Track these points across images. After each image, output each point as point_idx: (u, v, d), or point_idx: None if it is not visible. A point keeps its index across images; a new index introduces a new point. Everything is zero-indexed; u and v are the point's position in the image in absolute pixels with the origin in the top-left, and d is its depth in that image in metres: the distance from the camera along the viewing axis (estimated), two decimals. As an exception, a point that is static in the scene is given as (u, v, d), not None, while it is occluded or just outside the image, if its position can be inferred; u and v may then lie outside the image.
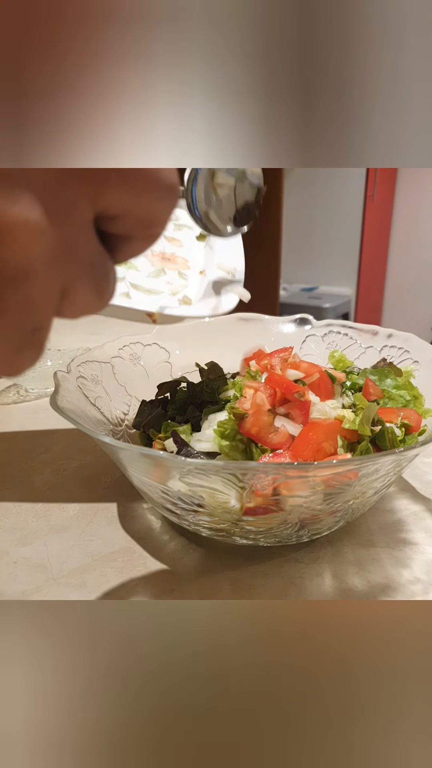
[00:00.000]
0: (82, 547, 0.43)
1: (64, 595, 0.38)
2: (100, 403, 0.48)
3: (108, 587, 0.38)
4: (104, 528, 0.45)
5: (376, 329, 0.56)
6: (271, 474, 0.33)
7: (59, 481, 0.52)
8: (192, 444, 0.41)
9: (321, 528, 0.40)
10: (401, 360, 0.52)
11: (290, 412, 0.40)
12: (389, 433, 0.40)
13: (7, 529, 0.45)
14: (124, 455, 0.37)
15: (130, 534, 0.44)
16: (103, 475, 0.53)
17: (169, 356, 0.58)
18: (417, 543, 0.42)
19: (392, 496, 0.48)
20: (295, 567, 0.40)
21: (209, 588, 0.38)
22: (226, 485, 0.34)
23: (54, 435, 0.62)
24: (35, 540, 0.44)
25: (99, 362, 0.50)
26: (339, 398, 0.46)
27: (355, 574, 0.39)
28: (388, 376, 0.48)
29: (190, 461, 0.33)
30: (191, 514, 0.39)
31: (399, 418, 0.43)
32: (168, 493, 0.37)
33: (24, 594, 0.38)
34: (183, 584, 0.39)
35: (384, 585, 0.38)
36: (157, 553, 0.42)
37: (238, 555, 0.41)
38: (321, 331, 0.60)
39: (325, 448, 0.38)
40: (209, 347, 0.59)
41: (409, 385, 0.47)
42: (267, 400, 0.40)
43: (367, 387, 0.46)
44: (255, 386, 0.41)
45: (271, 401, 0.40)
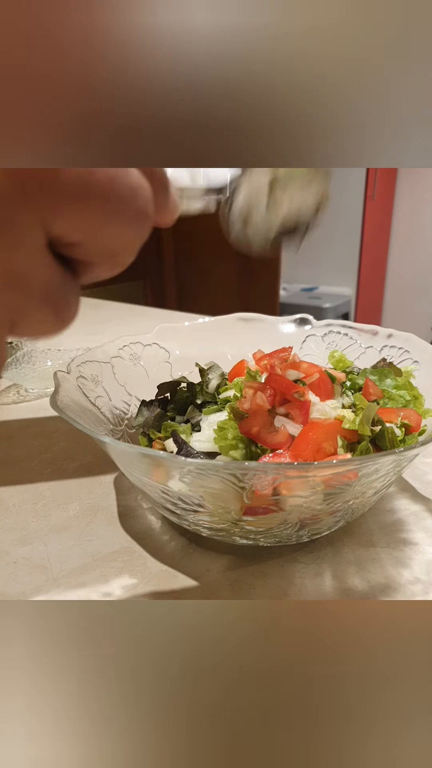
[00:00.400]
0: (82, 547, 0.43)
1: (64, 595, 0.38)
2: (100, 403, 0.48)
3: (108, 587, 0.38)
4: (104, 528, 0.45)
5: (376, 329, 0.56)
6: (271, 474, 0.33)
7: (59, 481, 0.52)
8: (192, 444, 0.41)
9: (321, 528, 0.40)
10: (401, 360, 0.52)
11: (290, 412, 0.40)
12: (389, 433, 0.40)
13: (7, 529, 0.45)
14: (124, 455, 0.37)
15: (130, 534, 0.44)
16: (103, 475, 0.53)
17: (169, 356, 0.58)
18: (417, 543, 0.42)
19: (392, 496, 0.48)
20: (295, 567, 0.40)
21: (209, 588, 0.38)
22: (226, 485, 0.34)
23: (54, 435, 0.62)
24: (35, 540, 0.44)
25: (99, 362, 0.50)
26: (339, 398, 0.46)
27: (355, 574, 0.39)
28: (388, 376, 0.48)
29: (190, 461, 0.33)
30: (191, 514, 0.39)
31: (399, 418, 0.43)
32: (168, 493, 0.37)
33: (24, 594, 0.38)
34: (183, 584, 0.39)
35: (384, 585, 0.38)
36: (157, 553, 0.42)
37: (238, 555, 0.41)
38: (321, 331, 0.60)
39: (325, 448, 0.38)
40: (209, 347, 0.59)
41: (409, 385, 0.47)
42: (267, 400, 0.40)
43: (367, 387, 0.46)
44: (255, 386, 0.41)
45: (271, 401, 0.40)
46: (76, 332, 0.31)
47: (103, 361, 0.51)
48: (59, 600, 0.37)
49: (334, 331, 0.60)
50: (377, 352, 0.55)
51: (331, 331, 0.60)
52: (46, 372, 0.74)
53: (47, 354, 0.79)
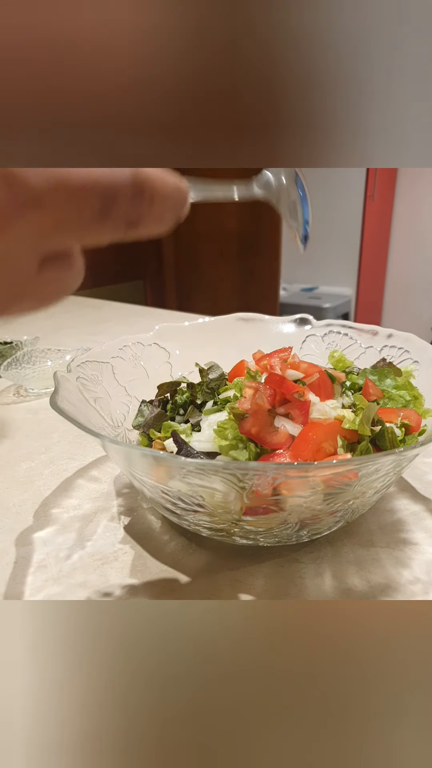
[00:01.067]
0: (82, 547, 0.43)
1: (64, 595, 0.38)
2: (100, 404, 0.48)
3: (108, 587, 0.38)
4: (104, 528, 0.45)
5: (376, 329, 0.56)
6: (271, 474, 0.33)
7: (59, 481, 0.52)
8: (192, 444, 0.41)
9: (321, 528, 0.40)
10: (401, 360, 0.52)
11: (290, 412, 0.40)
12: (389, 433, 0.40)
13: (7, 529, 0.45)
14: (124, 455, 0.37)
15: (130, 534, 0.44)
16: (104, 475, 0.53)
17: (169, 356, 0.58)
18: (417, 543, 0.42)
19: (392, 496, 0.48)
20: (295, 567, 0.40)
21: (209, 588, 0.38)
22: (226, 485, 0.34)
23: (54, 435, 0.62)
24: (35, 540, 0.44)
25: (99, 362, 0.50)
26: (339, 398, 0.46)
27: (355, 574, 0.39)
28: (387, 376, 0.48)
29: (190, 461, 0.33)
30: (191, 514, 0.39)
31: (399, 418, 0.43)
32: (168, 493, 0.37)
33: (24, 594, 0.38)
34: (183, 584, 0.39)
35: (384, 585, 0.38)
36: (157, 553, 0.42)
37: (238, 555, 0.41)
38: (321, 331, 0.60)
39: (325, 448, 0.38)
40: (209, 347, 0.59)
41: (409, 386, 0.47)
42: (267, 400, 0.40)
43: (367, 387, 0.46)
44: (255, 386, 0.41)
45: (271, 401, 0.40)
46: (76, 332, 0.31)
47: (103, 362, 0.51)
48: (59, 600, 0.37)
49: (334, 331, 0.60)
50: (377, 352, 0.55)
51: (331, 331, 0.60)
52: (46, 372, 0.74)
53: (47, 354, 0.79)
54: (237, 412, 0.39)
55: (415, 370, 0.49)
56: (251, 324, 0.63)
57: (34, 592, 0.38)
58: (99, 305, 1.42)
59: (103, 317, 1.27)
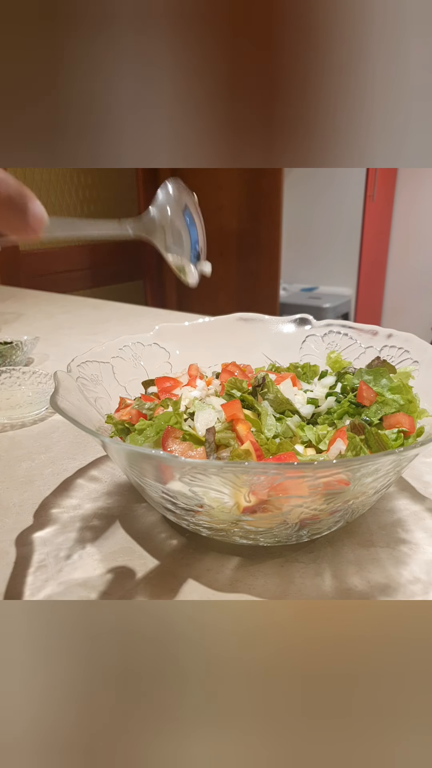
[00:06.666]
0: (83, 547, 0.43)
1: (64, 595, 0.38)
2: (100, 404, 0.48)
3: (108, 587, 0.38)
4: (104, 528, 0.45)
5: (376, 329, 0.56)
6: (271, 474, 0.33)
7: (59, 481, 0.52)
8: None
9: (321, 528, 0.40)
10: (401, 360, 0.52)
11: None
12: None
13: (7, 529, 0.45)
14: (124, 455, 0.37)
15: (130, 534, 0.44)
16: (104, 475, 0.53)
17: (169, 356, 0.58)
18: (417, 543, 0.42)
19: (392, 496, 0.48)
20: (295, 567, 0.40)
21: (209, 588, 0.38)
22: (226, 485, 0.34)
23: (54, 435, 0.62)
24: (35, 540, 0.44)
25: (99, 362, 0.50)
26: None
27: (355, 574, 0.39)
28: (383, 376, 0.48)
29: (190, 461, 0.33)
30: (191, 514, 0.39)
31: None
32: (168, 493, 0.37)
33: (24, 594, 0.38)
34: (183, 584, 0.39)
35: (384, 585, 0.38)
36: (157, 553, 0.42)
37: (238, 555, 0.41)
38: (321, 331, 0.60)
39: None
40: (209, 347, 0.59)
41: (405, 388, 0.46)
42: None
43: (362, 391, 0.46)
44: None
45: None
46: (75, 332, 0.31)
47: (103, 362, 0.51)
48: (59, 600, 0.37)
49: (334, 331, 0.60)
50: (377, 352, 0.55)
51: (331, 331, 0.60)
52: (13, 398, 0.67)
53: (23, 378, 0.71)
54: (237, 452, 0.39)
55: (415, 370, 0.49)
56: (251, 324, 0.63)
57: (34, 592, 0.38)
58: (99, 305, 1.42)
59: (103, 317, 1.27)
